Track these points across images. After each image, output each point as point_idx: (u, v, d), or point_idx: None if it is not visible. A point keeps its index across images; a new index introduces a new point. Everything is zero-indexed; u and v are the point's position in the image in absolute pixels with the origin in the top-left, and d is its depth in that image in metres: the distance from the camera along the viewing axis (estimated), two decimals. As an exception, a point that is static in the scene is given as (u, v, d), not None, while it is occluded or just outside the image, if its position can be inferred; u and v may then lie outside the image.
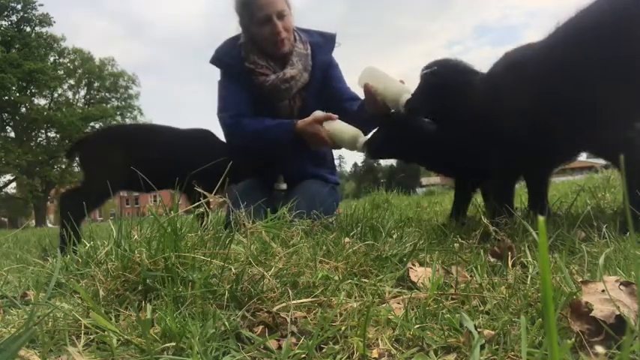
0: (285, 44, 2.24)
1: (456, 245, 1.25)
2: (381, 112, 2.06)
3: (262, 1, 2.17)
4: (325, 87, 2.39)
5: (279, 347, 0.68)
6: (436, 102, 1.76)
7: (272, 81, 2.23)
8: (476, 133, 1.66)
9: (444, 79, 1.74)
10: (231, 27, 2.38)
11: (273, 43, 2.22)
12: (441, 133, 1.88)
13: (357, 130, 2.08)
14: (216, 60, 2.34)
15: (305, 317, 0.77)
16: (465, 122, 1.68)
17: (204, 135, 2.37)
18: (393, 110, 2.02)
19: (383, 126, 2.04)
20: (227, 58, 2.32)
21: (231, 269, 0.90)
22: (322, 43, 2.40)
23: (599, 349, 0.53)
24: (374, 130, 2.09)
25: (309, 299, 0.82)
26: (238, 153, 2.13)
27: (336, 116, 2.13)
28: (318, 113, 2.14)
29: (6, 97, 27.42)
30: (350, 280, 0.94)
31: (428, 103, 1.80)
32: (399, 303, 0.84)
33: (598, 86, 1.32)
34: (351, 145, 2.08)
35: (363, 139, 2.03)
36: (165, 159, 2.13)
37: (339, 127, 2.10)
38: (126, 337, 0.70)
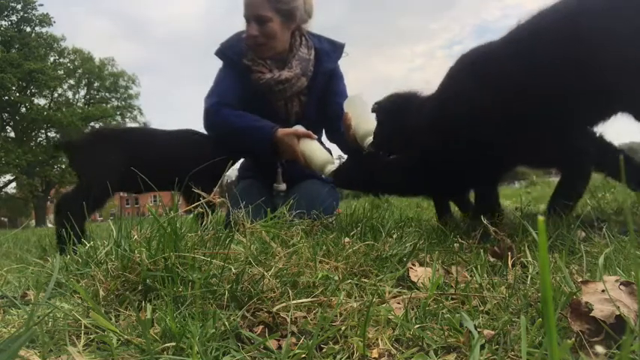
0: (263, 50, 2.22)
1: (456, 245, 1.25)
2: (352, 143, 2.14)
3: (246, 0, 2.18)
4: (325, 98, 2.39)
5: (279, 347, 0.68)
6: (391, 137, 1.81)
7: (266, 80, 2.22)
8: (438, 153, 1.62)
9: (386, 114, 1.82)
10: (231, 26, 2.39)
11: (249, 44, 2.22)
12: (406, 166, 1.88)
13: (328, 157, 2.11)
14: (220, 53, 2.34)
15: (305, 317, 0.77)
16: (425, 146, 1.66)
17: (191, 135, 2.35)
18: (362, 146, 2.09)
19: (351, 158, 2.09)
20: (230, 51, 2.31)
21: (231, 269, 0.90)
22: (330, 51, 2.39)
23: (599, 349, 0.53)
24: (343, 161, 2.14)
25: (309, 299, 0.82)
26: (216, 142, 2.15)
27: (316, 137, 2.16)
28: (300, 128, 2.15)
29: (6, 97, 27.45)
30: (350, 280, 0.94)
31: (386, 141, 1.85)
32: (399, 303, 0.84)
33: (547, 92, 1.30)
34: (319, 170, 2.11)
35: (331, 167, 2.07)
36: (157, 161, 2.13)
37: (313, 148, 2.12)
38: (126, 337, 0.70)
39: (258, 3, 2.15)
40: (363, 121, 2.06)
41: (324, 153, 2.12)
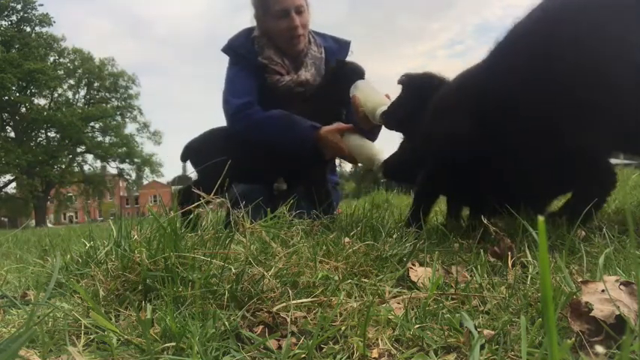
0: (300, 41, 2.19)
1: (456, 245, 1.25)
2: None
3: None
4: None
5: (279, 347, 0.68)
6: (406, 112, 1.74)
7: (286, 82, 2.18)
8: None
9: (412, 87, 1.75)
10: (231, 26, 2.37)
11: (288, 38, 2.17)
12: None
13: (376, 149, 2.01)
14: (229, 50, 2.27)
15: (305, 317, 0.77)
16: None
17: None
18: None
19: (401, 148, 1.98)
20: (241, 49, 2.24)
21: (231, 269, 0.90)
22: (336, 49, 2.36)
23: (599, 349, 0.53)
24: (392, 153, 2.03)
25: (309, 299, 0.82)
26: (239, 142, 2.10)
27: (357, 128, 2.06)
28: (341, 123, 2.07)
29: (6, 97, 27.46)
30: (350, 280, 0.94)
31: (401, 114, 1.78)
32: (399, 303, 0.84)
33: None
34: (368, 163, 2.03)
35: (380, 158, 1.97)
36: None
37: (358, 142, 2.03)
38: (126, 337, 0.70)
39: None
40: (371, 98, 1.98)
41: (370, 146, 2.02)
